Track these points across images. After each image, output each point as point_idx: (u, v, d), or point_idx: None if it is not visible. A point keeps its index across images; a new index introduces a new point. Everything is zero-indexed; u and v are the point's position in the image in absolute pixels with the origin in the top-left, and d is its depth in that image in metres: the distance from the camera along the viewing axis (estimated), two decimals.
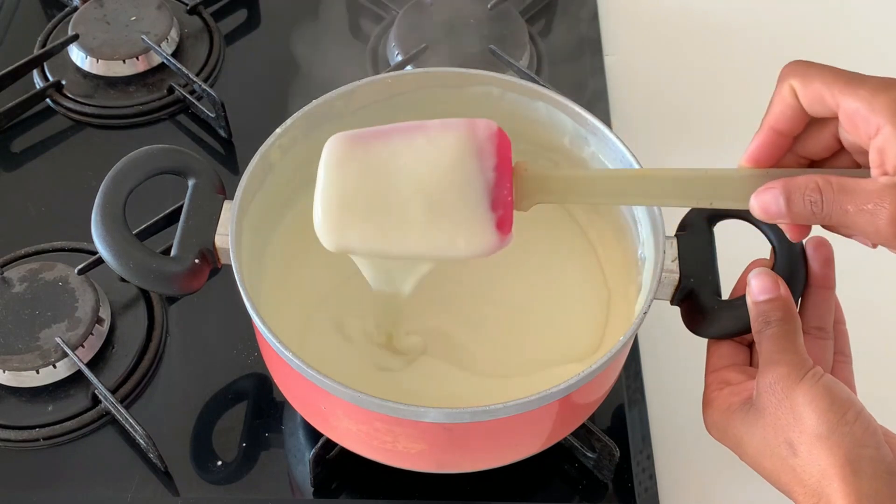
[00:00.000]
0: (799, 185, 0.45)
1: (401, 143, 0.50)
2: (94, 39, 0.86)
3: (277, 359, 0.53)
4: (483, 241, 0.49)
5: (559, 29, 0.95)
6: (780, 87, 0.47)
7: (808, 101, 0.46)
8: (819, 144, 0.49)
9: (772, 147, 0.48)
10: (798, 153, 0.50)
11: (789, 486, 0.48)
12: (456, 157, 0.49)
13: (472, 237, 0.49)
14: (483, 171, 0.49)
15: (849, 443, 0.45)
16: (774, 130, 0.48)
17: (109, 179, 0.58)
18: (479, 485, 0.62)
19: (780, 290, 0.51)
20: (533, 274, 0.65)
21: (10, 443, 0.65)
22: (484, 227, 0.49)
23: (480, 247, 0.49)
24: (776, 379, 0.48)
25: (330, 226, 0.50)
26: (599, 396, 0.59)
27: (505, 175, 0.50)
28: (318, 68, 0.88)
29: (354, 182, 0.50)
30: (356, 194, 0.49)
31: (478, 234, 0.49)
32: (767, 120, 0.48)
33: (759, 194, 0.46)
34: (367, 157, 0.50)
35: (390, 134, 0.50)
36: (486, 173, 0.49)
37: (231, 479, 0.64)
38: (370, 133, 0.51)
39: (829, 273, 0.55)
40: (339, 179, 0.50)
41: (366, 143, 0.50)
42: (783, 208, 0.45)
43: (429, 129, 0.50)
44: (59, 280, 0.69)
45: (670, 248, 0.57)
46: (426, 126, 0.50)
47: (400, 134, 0.50)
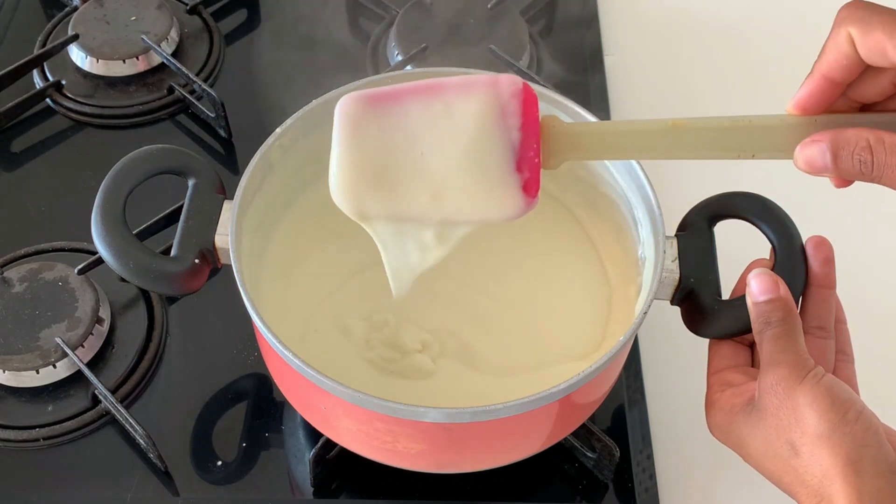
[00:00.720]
0: (848, 141, 0.43)
1: (418, 105, 0.47)
2: (94, 39, 0.86)
3: (277, 359, 0.53)
4: (508, 204, 0.47)
5: (559, 29, 0.95)
6: (836, 34, 0.44)
7: (866, 51, 0.43)
8: (874, 89, 0.46)
9: (822, 94, 0.46)
10: (849, 96, 0.47)
11: (792, 487, 0.48)
12: (478, 118, 0.46)
13: (496, 201, 0.47)
14: (508, 131, 0.47)
15: (850, 442, 0.45)
16: (826, 78, 0.45)
17: (109, 179, 0.58)
18: (479, 485, 0.62)
19: (780, 290, 0.51)
20: (534, 274, 0.65)
21: (10, 443, 0.64)
22: (509, 190, 0.47)
23: (505, 211, 0.47)
24: (777, 380, 0.48)
25: (347, 190, 0.48)
26: (599, 396, 0.59)
27: (531, 134, 0.47)
28: (318, 68, 0.88)
29: (371, 145, 0.47)
30: (373, 157, 0.47)
31: (502, 198, 0.47)
32: (819, 67, 0.45)
33: (804, 147, 0.44)
34: (382, 119, 0.47)
35: (406, 94, 0.47)
36: (510, 133, 0.47)
37: (231, 479, 0.63)
38: (384, 93, 0.48)
39: (830, 272, 0.55)
40: (355, 142, 0.47)
41: (381, 104, 0.48)
42: (829, 163, 0.43)
43: (448, 89, 0.47)
44: (59, 280, 0.69)
45: (670, 248, 0.57)
46: (445, 86, 0.47)
47: (416, 94, 0.47)
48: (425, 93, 0.47)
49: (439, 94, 0.47)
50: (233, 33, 0.93)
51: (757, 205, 0.58)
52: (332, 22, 0.94)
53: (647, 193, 0.57)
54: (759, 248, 0.57)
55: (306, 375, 0.51)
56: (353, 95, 0.48)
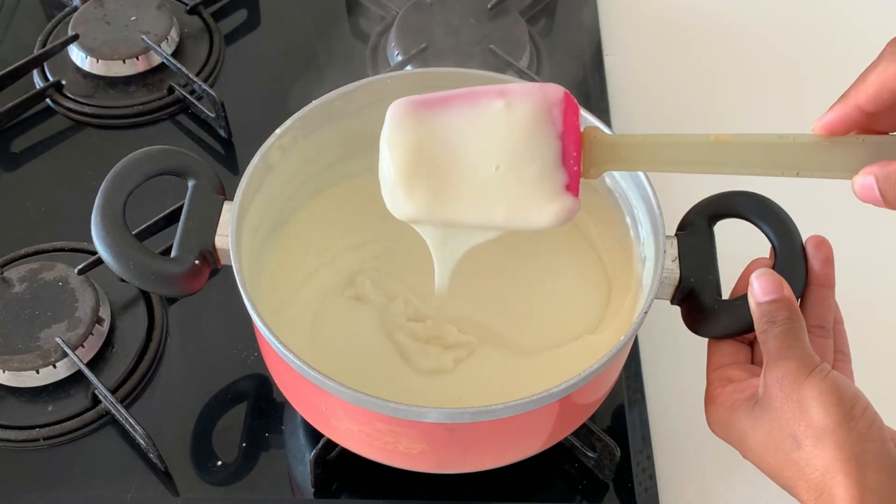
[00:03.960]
0: (890, 177, 0.43)
1: (465, 111, 0.48)
2: (94, 39, 0.86)
3: (277, 359, 0.53)
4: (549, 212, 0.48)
5: (559, 29, 0.95)
6: (884, 68, 0.44)
7: None
8: None
9: (849, 123, 0.46)
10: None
11: (792, 482, 0.48)
12: (523, 125, 0.47)
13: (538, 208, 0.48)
14: (550, 139, 0.47)
15: (855, 437, 0.45)
16: (859, 108, 0.45)
17: (109, 180, 0.58)
18: (479, 485, 0.62)
19: (784, 290, 0.51)
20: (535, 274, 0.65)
21: (10, 443, 0.64)
22: (550, 198, 0.48)
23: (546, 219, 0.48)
24: (784, 373, 0.48)
25: (398, 195, 0.49)
26: (600, 396, 0.59)
27: (572, 143, 0.48)
28: (318, 68, 0.88)
29: (420, 150, 0.48)
30: (422, 162, 0.48)
31: (543, 206, 0.48)
32: (855, 96, 0.45)
33: (857, 180, 0.44)
34: (431, 125, 0.48)
35: (454, 100, 0.48)
36: (552, 140, 0.47)
37: (231, 479, 0.63)
38: (433, 98, 0.49)
39: (830, 272, 0.55)
40: (405, 147, 0.48)
41: (430, 110, 0.48)
42: (879, 198, 0.44)
43: (494, 96, 0.48)
44: (59, 280, 0.69)
45: (670, 248, 0.57)
46: (491, 92, 0.48)
47: (464, 101, 0.48)
48: (472, 99, 0.48)
49: (486, 100, 0.48)
50: (233, 33, 0.93)
51: (757, 204, 0.58)
52: (332, 22, 0.94)
53: (647, 193, 0.57)
54: (759, 248, 0.57)
55: (307, 376, 0.51)
56: (403, 100, 0.49)
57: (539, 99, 0.48)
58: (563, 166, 0.48)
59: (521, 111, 0.47)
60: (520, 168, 0.47)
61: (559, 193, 0.48)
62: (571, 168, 0.48)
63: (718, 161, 0.49)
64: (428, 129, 0.48)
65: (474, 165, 0.48)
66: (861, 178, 0.44)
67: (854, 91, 0.46)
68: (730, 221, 0.58)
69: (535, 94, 0.48)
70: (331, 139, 0.64)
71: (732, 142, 0.48)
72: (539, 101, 0.47)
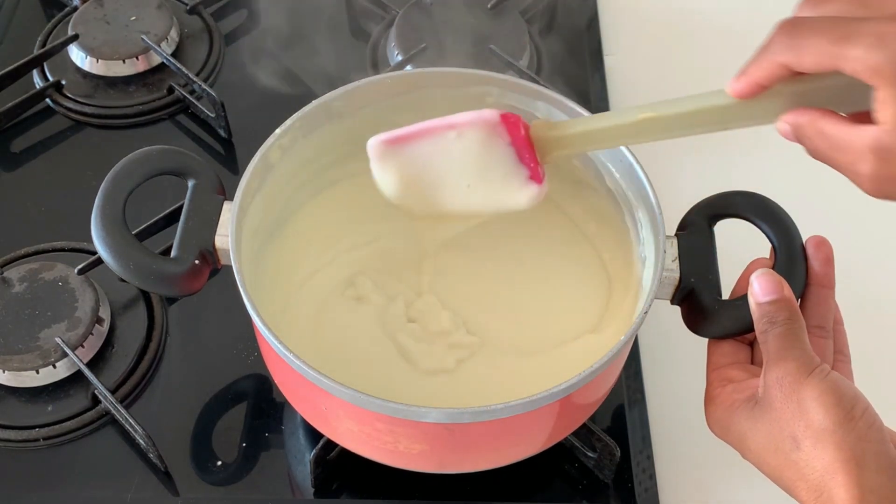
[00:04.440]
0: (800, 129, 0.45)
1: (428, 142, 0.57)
2: (94, 39, 0.86)
3: (277, 359, 0.53)
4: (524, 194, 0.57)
5: (559, 29, 0.95)
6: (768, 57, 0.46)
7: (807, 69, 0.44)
8: None
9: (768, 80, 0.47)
10: None
11: (791, 482, 0.48)
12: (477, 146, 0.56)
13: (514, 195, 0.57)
14: (503, 148, 0.56)
15: (854, 438, 0.45)
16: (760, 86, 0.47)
17: (109, 180, 0.58)
18: (479, 485, 0.62)
19: (784, 291, 0.51)
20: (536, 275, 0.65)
21: (10, 443, 0.64)
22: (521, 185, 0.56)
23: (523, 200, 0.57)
24: (784, 374, 0.48)
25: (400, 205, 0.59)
26: (600, 396, 0.59)
27: (522, 146, 0.56)
28: (318, 68, 0.88)
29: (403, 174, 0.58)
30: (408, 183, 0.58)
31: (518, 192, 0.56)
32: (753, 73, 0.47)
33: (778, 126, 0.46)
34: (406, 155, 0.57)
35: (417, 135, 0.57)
36: (505, 149, 0.56)
37: (231, 479, 0.63)
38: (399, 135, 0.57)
39: (830, 272, 0.55)
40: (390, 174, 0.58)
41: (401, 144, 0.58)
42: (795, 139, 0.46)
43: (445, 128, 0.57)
44: (59, 280, 0.69)
45: (670, 248, 0.57)
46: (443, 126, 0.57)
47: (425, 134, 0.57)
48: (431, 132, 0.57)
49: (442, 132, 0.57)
50: (233, 33, 0.93)
51: (757, 204, 0.58)
52: (332, 22, 0.94)
53: (647, 193, 0.58)
54: (759, 248, 0.57)
55: (306, 376, 0.51)
56: (376, 139, 0.58)
57: (482, 122, 0.56)
58: (522, 164, 0.56)
59: (471, 135, 0.56)
60: (487, 176, 0.57)
61: (525, 184, 0.56)
62: (529, 164, 0.56)
63: (650, 132, 0.53)
64: (404, 159, 0.57)
65: (451, 180, 0.57)
66: (778, 125, 0.46)
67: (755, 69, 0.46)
68: (730, 221, 0.58)
69: (478, 120, 0.56)
70: (331, 139, 0.64)
71: (658, 115, 0.52)
72: (482, 123, 0.56)
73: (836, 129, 0.44)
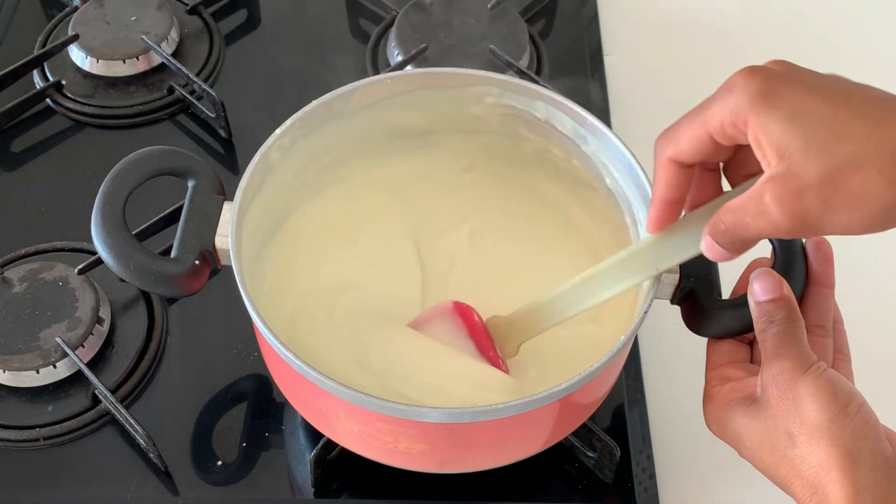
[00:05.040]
0: (714, 229, 0.46)
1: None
2: (94, 39, 0.86)
3: (277, 359, 0.53)
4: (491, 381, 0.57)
5: (559, 29, 0.95)
6: (659, 163, 0.49)
7: (689, 153, 0.47)
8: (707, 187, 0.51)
9: (668, 213, 0.50)
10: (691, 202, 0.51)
11: (787, 479, 0.48)
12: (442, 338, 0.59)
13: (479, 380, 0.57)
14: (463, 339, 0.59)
15: (849, 434, 0.46)
16: (666, 201, 0.50)
17: (109, 181, 0.58)
18: (479, 485, 0.62)
19: (783, 290, 0.51)
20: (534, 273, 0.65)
21: (10, 443, 0.65)
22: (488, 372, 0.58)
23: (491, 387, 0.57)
24: (780, 371, 0.48)
25: None
26: (600, 396, 0.59)
27: (480, 335, 0.59)
28: (317, 68, 0.88)
29: None
30: None
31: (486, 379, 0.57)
32: (657, 194, 0.50)
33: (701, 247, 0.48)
34: None
35: None
36: (466, 340, 0.59)
37: (231, 479, 0.64)
38: None
39: (829, 271, 0.55)
40: None
41: None
42: (723, 252, 0.47)
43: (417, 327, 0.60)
44: (59, 280, 0.69)
45: None
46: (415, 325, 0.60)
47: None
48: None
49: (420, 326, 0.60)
50: (233, 33, 0.93)
51: None
52: (332, 22, 0.94)
53: (647, 193, 0.57)
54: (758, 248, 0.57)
55: (307, 376, 0.51)
56: None
57: (440, 316, 0.59)
58: (483, 354, 0.58)
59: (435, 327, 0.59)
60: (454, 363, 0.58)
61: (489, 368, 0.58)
62: (488, 352, 0.58)
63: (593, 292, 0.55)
64: None
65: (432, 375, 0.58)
66: (702, 245, 0.47)
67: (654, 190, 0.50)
68: None
69: (436, 314, 0.59)
70: (331, 139, 0.64)
71: (594, 273, 0.54)
72: (440, 316, 0.59)
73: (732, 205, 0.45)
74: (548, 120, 0.63)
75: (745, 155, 0.48)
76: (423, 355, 0.59)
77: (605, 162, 0.62)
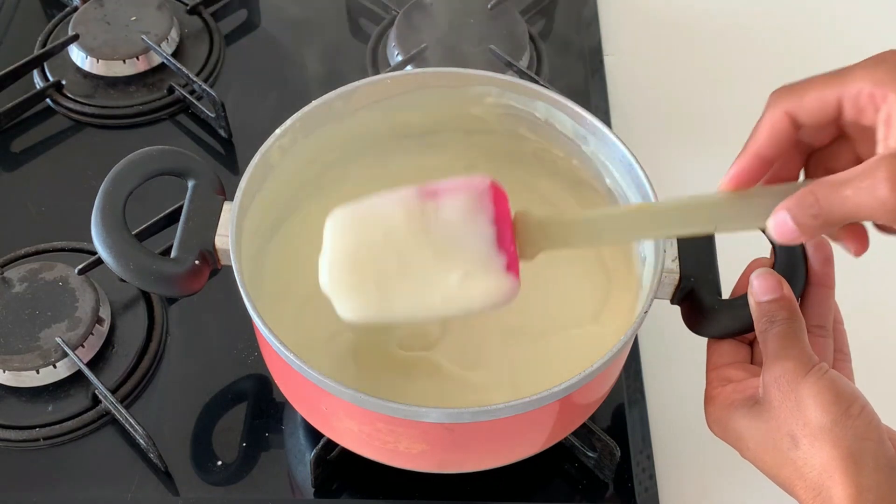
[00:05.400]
0: (800, 202, 0.44)
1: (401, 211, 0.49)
2: (94, 39, 0.86)
3: (277, 359, 0.53)
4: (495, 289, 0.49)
5: (559, 29, 0.95)
6: (772, 113, 0.47)
7: (809, 112, 0.45)
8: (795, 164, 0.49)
9: (752, 173, 0.48)
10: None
11: (790, 481, 0.48)
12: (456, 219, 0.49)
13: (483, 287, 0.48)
14: (484, 226, 0.49)
15: (851, 436, 0.45)
16: (759, 157, 0.47)
17: (109, 181, 0.58)
18: (479, 485, 0.62)
19: (784, 290, 0.51)
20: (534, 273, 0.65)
21: (10, 443, 0.65)
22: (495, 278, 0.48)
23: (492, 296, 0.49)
24: (782, 373, 0.48)
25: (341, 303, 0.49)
26: (600, 396, 0.59)
27: (505, 226, 0.49)
28: (317, 68, 0.88)
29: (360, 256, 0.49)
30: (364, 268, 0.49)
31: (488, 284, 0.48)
32: (752, 147, 0.47)
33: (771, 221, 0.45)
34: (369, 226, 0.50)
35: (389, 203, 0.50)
36: (486, 227, 0.49)
37: (231, 479, 0.64)
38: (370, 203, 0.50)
39: (829, 272, 0.55)
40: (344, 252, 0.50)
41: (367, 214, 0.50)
42: (795, 229, 0.44)
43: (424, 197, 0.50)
44: (59, 280, 0.69)
45: (670, 248, 0.57)
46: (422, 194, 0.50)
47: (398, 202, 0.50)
48: (408, 198, 0.49)
49: (418, 202, 0.49)
50: (233, 33, 0.93)
51: None
52: (332, 22, 0.94)
53: (647, 193, 0.57)
54: (759, 248, 0.57)
55: (306, 375, 0.51)
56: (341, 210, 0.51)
57: (468, 191, 0.49)
58: (501, 249, 0.48)
59: (452, 206, 0.49)
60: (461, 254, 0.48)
61: (502, 274, 0.48)
62: (509, 249, 0.49)
63: (643, 228, 0.51)
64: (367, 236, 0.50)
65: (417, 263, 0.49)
66: (773, 218, 0.45)
67: (751, 142, 0.47)
68: None
69: (463, 188, 0.49)
70: (331, 139, 0.64)
71: (651, 209, 0.51)
72: (468, 192, 0.49)
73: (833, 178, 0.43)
74: (548, 120, 0.63)
75: (837, 149, 0.48)
76: None
77: (605, 162, 0.62)
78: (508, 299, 0.49)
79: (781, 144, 0.47)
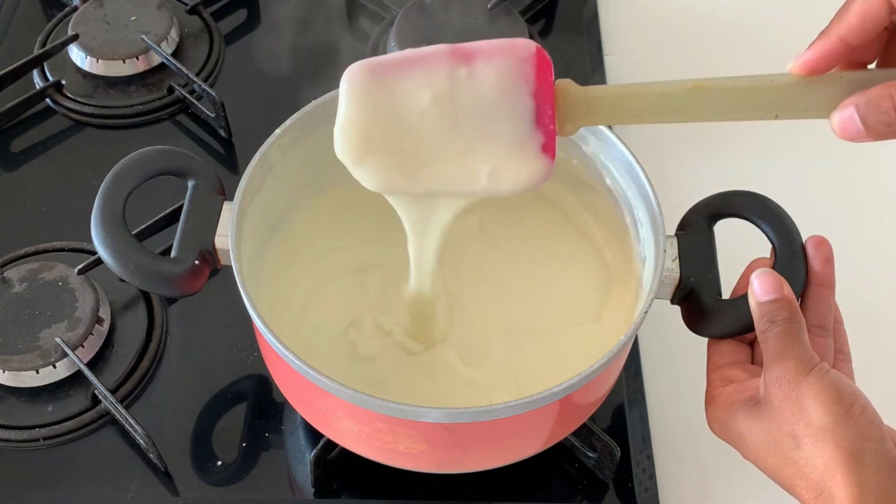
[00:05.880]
0: (872, 101, 0.41)
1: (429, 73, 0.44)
2: (94, 39, 0.86)
3: (277, 359, 0.53)
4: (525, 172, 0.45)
5: (559, 29, 0.95)
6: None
7: None
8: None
9: (831, 58, 0.44)
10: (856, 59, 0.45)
11: (791, 481, 0.48)
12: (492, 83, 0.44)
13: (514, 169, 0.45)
14: (522, 97, 0.44)
15: (853, 436, 0.45)
16: (843, 41, 0.43)
17: (109, 181, 0.58)
18: (479, 485, 0.62)
19: (784, 290, 0.51)
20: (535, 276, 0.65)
21: (10, 443, 0.64)
22: (527, 158, 0.44)
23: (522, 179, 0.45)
24: (783, 373, 0.48)
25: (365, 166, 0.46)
26: (600, 396, 0.59)
27: (546, 100, 0.44)
28: (317, 68, 0.88)
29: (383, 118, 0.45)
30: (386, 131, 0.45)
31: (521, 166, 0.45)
32: (838, 30, 0.43)
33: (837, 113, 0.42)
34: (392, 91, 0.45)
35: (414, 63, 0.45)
36: (525, 99, 0.44)
37: (231, 479, 0.63)
38: (394, 60, 0.46)
39: (830, 271, 0.55)
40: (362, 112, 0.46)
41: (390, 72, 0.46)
42: (861, 128, 0.42)
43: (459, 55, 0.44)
44: (59, 280, 0.69)
45: (670, 248, 0.57)
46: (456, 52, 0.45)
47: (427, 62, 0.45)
48: (436, 60, 0.45)
49: (451, 60, 0.45)
50: (233, 33, 0.93)
51: (757, 204, 0.58)
52: (332, 22, 0.94)
53: (647, 193, 0.57)
54: (759, 248, 0.57)
55: (306, 376, 0.51)
56: (360, 64, 0.46)
57: (508, 57, 0.44)
58: (538, 126, 0.44)
59: (489, 72, 0.44)
60: (492, 131, 0.44)
61: (536, 155, 0.44)
62: (547, 127, 0.44)
63: (697, 108, 0.46)
64: (390, 95, 0.45)
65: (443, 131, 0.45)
66: (839, 112, 0.42)
67: (836, 25, 0.44)
68: (730, 221, 0.58)
69: (505, 52, 0.44)
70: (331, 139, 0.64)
71: (710, 87, 0.46)
72: (509, 59, 0.44)
73: None
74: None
75: None
76: None
77: (605, 162, 0.62)
78: (542, 182, 0.45)
79: (873, 30, 0.43)
